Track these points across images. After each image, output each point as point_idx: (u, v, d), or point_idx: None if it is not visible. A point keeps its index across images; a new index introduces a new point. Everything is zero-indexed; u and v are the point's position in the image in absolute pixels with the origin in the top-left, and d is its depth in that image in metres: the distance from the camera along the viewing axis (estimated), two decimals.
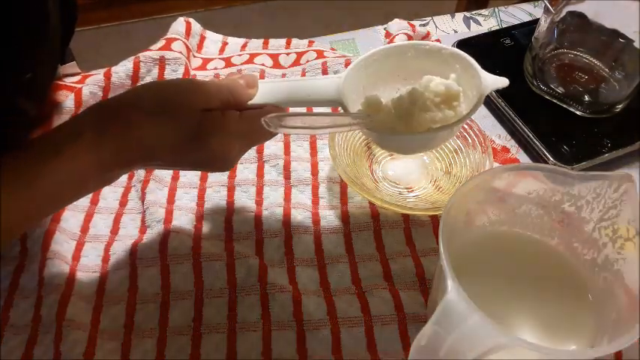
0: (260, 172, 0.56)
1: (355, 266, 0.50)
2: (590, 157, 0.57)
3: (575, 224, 0.43)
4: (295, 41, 0.69)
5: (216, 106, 0.41)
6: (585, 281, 0.43)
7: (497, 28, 0.74)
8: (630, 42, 0.58)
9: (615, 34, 0.59)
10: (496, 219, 0.46)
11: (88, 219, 0.53)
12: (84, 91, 0.60)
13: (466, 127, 0.56)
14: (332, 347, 0.45)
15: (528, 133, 0.59)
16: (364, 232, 0.52)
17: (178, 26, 0.66)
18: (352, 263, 0.50)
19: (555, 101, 0.62)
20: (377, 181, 0.56)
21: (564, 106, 0.61)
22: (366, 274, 0.50)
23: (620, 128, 0.60)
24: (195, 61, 0.67)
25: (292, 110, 0.52)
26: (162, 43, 0.64)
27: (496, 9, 0.77)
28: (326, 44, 0.69)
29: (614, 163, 0.58)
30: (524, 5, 0.78)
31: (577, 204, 0.42)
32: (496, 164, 0.57)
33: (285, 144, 0.59)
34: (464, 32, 0.73)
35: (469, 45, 0.67)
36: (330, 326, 0.46)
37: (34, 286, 0.47)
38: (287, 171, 0.56)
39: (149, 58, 0.62)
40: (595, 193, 0.41)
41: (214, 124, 0.40)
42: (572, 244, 0.44)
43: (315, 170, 0.57)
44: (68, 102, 0.59)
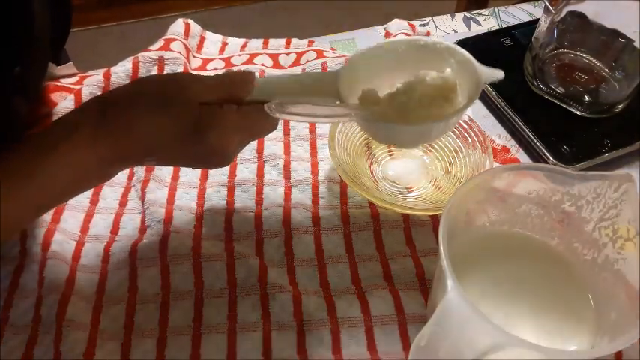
0: (260, 172, 0.56)
1: (355, 266, 0.50)
2: (590, 157, 0.57)
3: (575, 224, 0.43)
4: (295, 41, 0.69)
5: (215, 100, 0.41)
6: (585, 281, 0.43)
7: (497, 28, 0.74)
8: (630, 42, 0.58)
9: (615, 34, 0.59)
10: (496, 219, 0.46)
11: (88, 219, 0.53)
12: (84, 92, 0.60)
13: (466, 127, 0.56)
14: (332, 347, 0.45)
15: (528, 133, 0.59)
16: (364, 232, 0.52)
17: (177, 27, 0.66)
18: (352, 263, 0.50)
19: (555, 101, 0.62)
20: (377, 181, 0.56)
21: (564, 106, 0.61)
22: (366, 274, 0.50)
23: (620, 128, 0.60)
24: (195, 62, 0.67)
25: None
26: (161, 43, 0.64)
27: (496, 9, 0.77)
28: (326, 44, 0.69)
29: (614, 163, 0.58)
30: (524, 5, 0.78)
31: (577, 204, 0.42)
32: (496, 164, 0.57)
33: (285, 144, 0.59)
34: (464, 32, 0.73)
35: (469, 45, 0.67)
36: (330, 326, 0.46)
37: (34, 286, 0.47)
38: (287, 171, 0.56)
39: (148, 58, 0.62)
40: (595, 193, 0.41)
41: (213, 117, 0.40)
42: (572, 244, 0.44)
43: (315, 170, 0.57)
44: (68, 103, 0.59)
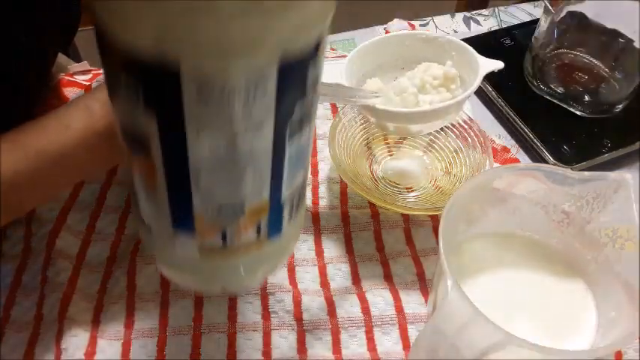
0: None
1: (355, 266, 0.50)
2: (590, 157, 0.57)
3: (575, 224, 0.43)
4: None
5: None
6: (585, 281, 0.43)
7: (497, 28, 0.74)
8: (630, 42, 0.58)
9: (615, 34, 0.59)
10: (496, 219, 0.46)
11: (94, 217, 0.53)
12: (94, 87, 0.61)
13: (466, 127, 0.56)
14: (332, 347, 0.45)
15: (528, 133, 0.59)
16: (364, 232, 0.52)
17: None
18: (352, 263, 0.50)
19: (555, 101, 0.62)
20: (377, 181, 0.56)
21: (564, 106, 0.61)
22: (366, 274, 0.50)
23: (620, 128, 0.60)
24: None
25: None
26: None
27: (496, 9, 0.77)
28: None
29: (614, 163, 0.58)
30: (524, 5, 0.78)
31: (577, 204, 0.42)
32: (496, 164, 0.57)
33: None
34: (464, 32, 0.73)
35: (469, 45, 0.67)
36: (330, 326, 0.46)
37: (36, 284, 0.47)
38: None
39: None
40: (595, 193, 0.41)
41: None
42: (572, 244, 0.44)
43: (315, 170, 0.57)
44: None
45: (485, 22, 0.75)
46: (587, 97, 0.61)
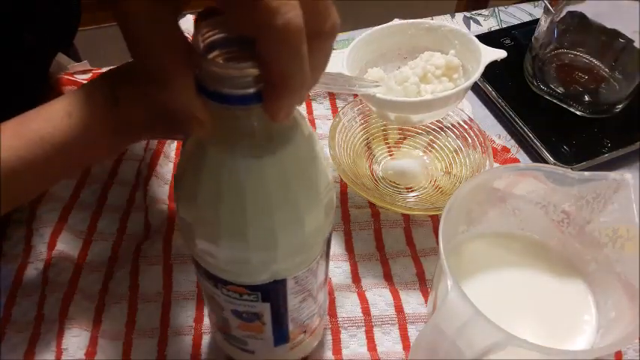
0: None
1: (355, 266, 0.50)
2: (590, 157, 0.57)
3: (575, 224, 0.43)
4: None
5: None
6: (585, 281, 0.43)
7: (497, 28, 0.74)
8: (630, 42, 0.58)
9: (615, 34, 0.59)
10: (496, 219, 0.46)
11: (95, 217, 0.53)
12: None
13: (466, 127, 0.56)
14: (332, 347, 0.45)
15: (528, 133, 0.59)
16: (364, 232, 0.52)
17: (186, 24, 0.66)
18: (352, 263, 0.50)
19: (555, 101, 0.62)
20: (377, 181, 0.56)
21: (564, 106, 0.61)
22: (366, 274, 0.50)
23: (620, 128, 0.60)
24: None
25: None
26: None
27: (496, 9, 0.77)
28: None
29: (614, 163, 0.58)
30: (524, 5, 0.78)
31: (577, 204, 0.42)
32: (496, 164, 0.57)
33: None
34: None
35: None
36: (330, 326, 0.46)
37: (37, 284, 0.47)
38: None
39: None
40: (595, 193, 0.41)
41: None
42: (572, 244, 0.44)
43: None
44: None
45: (485, 22, 0.75)
46: (587, 97, 0.61)
